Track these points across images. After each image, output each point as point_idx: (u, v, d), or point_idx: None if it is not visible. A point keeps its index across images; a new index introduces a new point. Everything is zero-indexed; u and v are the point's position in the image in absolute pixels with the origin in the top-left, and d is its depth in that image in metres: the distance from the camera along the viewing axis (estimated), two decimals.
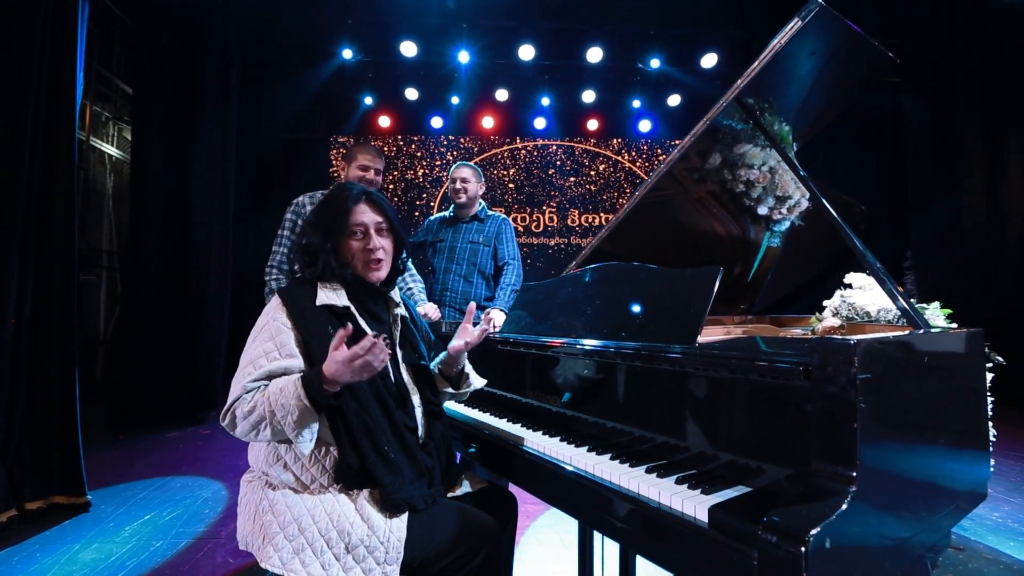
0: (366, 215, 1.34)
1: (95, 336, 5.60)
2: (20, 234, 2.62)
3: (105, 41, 5.42)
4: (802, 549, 0.67)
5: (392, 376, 1.30)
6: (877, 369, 0.80)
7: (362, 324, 1.28)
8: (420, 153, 7.13)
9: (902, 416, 0.88)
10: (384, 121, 6.91)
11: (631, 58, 6.37)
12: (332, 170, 6.83)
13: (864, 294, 1.57)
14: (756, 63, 1.38)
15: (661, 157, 7.24)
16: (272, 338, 1.20)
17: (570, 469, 1.11)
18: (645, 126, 7.16)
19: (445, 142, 7.14)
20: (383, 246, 1.35)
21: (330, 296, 1.28)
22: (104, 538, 2.49)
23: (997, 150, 5.51)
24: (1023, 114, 5.34)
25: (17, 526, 2.53)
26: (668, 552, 0.88)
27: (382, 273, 1.36)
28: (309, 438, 1.15)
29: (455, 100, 6.79)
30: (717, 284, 1.19)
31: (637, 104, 6.93)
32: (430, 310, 2.41)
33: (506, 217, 3.00)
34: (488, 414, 1.59)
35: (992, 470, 1.19)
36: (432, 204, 7.04)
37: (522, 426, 1.42)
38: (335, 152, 6.87)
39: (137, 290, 4.90)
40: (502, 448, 1.36)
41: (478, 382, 1.53)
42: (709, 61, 6.28)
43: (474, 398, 1.79)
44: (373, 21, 5.88)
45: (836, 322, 1.58)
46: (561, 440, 1.26)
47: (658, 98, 6.85)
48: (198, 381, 4.92)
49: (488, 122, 7.02)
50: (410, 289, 2.53)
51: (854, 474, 0.75)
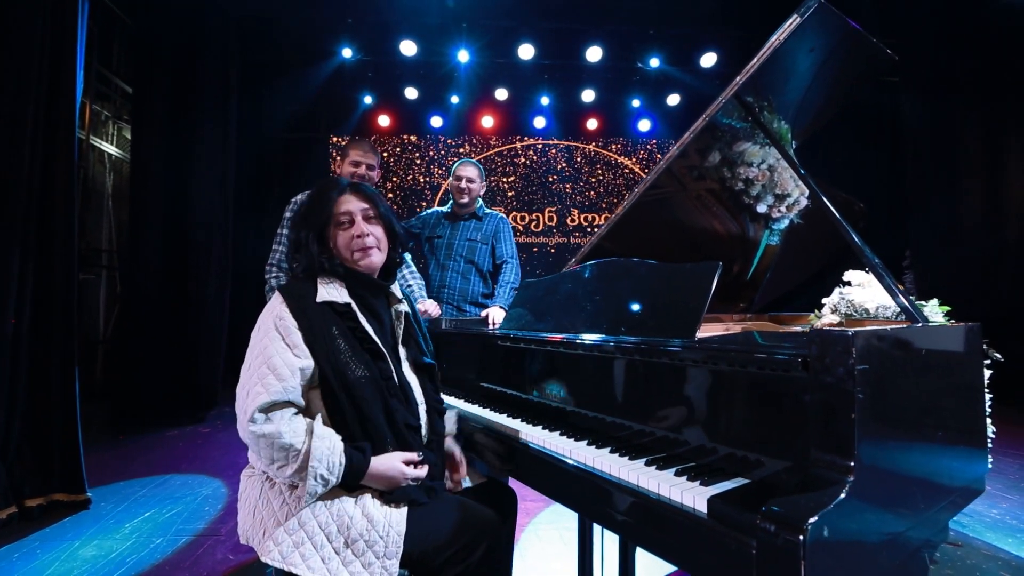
0: (351, 203, 1.33)
1: (95, 335, 5.60)
2: (20, 233, 2.62)
3: (105, 40, 5.42)
4: (800, 537, 0.67)
5: (395, 376, 1.29)
6: (875, 360, 0.80)
7: (363, 323, 1.27)
8: (419, 153, 7.13)
9: (900, 407, 0.89)
10: (384, 120, 6.92)
11: (630, 58, 6.38)
12: (332, 169, 6.83)
13: (863, 291, 1.57)
14: (755, 59, 1.38)
15: (660, 156, 7.25)
16: (283, 337, 1.19)
17: (570, 463, 1.12)
18: (645, 126, 7.17)
19: (450, 143, 7.13)
20: (372, 232, 1.33)
21: (331, 292, 1.27)
22: (104, 535, 2.49)
23: (996, 150, 5.52)
24: (1022, 114, 5.35)
25: (17, 523, 2.54)
26: (668, 543, 0.89)
27: (373, 259, 1.34)
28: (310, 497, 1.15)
29: (455, 100, 6.80)
30: (716, 279, 1.20)
31: (637, 104, 6.95)
32: (430, 307, 2.41)
33: (504, 216, 2.99)
34: (488, 410, 1.60)
35: (990, 467, 1.20)
36: (432, 205, 7.05)
37: (522, 421, 1.42)
38: (335, 151, 6.87)
39: (137, 289, 4.89)
40: (503, 443, 1.37)
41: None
42: (708, 61, 6.29)
43: (475, 394, 1.79)
44: (373, 20, 5.89)
45: (835, 319, 1.58)
46: (561, 434, 1.26)
47: (658, 98, 6.87)
48: (198, 380, 4.92)
49: (488, 122, 7.02)
50: (410, 286, 2.53)
51: (852, 464, 0.75)
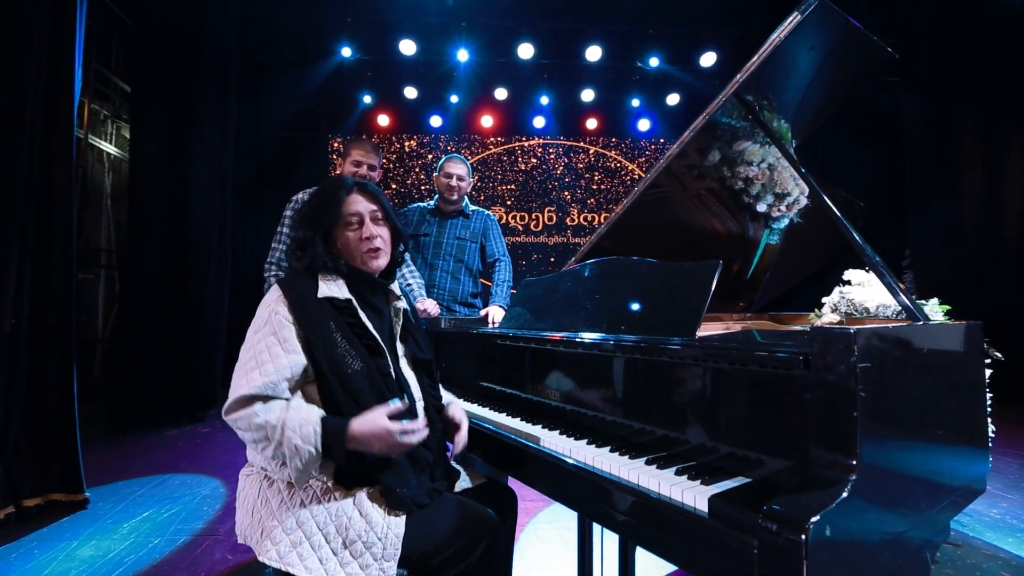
0: (360, 204, 1.33)
1: (94, 335, 5.58)
2: (18, 232, 2.61)
3: (104, 39, 5.41)
4: (802, 537, 0.67)
5: (393, 372, 1.28)
6: (877, 359, 0.80)
7: (363, 319, 1.27)
8: (419, 153, 7.12)
9: (901, 406, 0.88)
10: (383, 120, 6.91)
11: (630, 57, 6.38)
12: (331, 169, 6.82)
13: (863, 290, 1.57)
14: (755, 57, 1.38)
15: (660, 156, 7.25)
16: (275, 332, 1.18)
17: (570, 462, 1.11)
18: (644, 125, 7.16)
19: (450, 146, 7.12)
20: (380, 234, 1.34)
21: (332, 288, 1.27)
22: (102, 535, 2.48)
23: (995, 149, 5.52)
24: (1022, 113, 5.36)
25: (15, 523, 2.53)
26: (668, 543, 0.88)
27: (381, 262, 1.35)
28: (306, 479, 1.14)
29: (454, 99, 6.79)
30: (717, 277, 1.19)
31: (636, 103, 6.94)
32: (430, 306, 2.40)
33: (490, 212, 2.93)
34: (488, 409, 1.59)
35: (990, 466, 1.19)
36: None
37: (522, 420, 1.42)
38: (334, 151, 6.87)
39: (136, 289, 4.88)
40: (502, 443, 1.36)
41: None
42: (708, 60, 6.28)
43: (474, 393, 1.79)
44: (372, 20, 5.88)
45: (835, 318, 1.58)
46: (561, 433, 1.26)
47: (657, 97, 6.86)
48: (197, 380, 4.91)
49: (487, 121, 7.01)
50: (409, 285, 2.52)
51: (854, 463, 0.74)
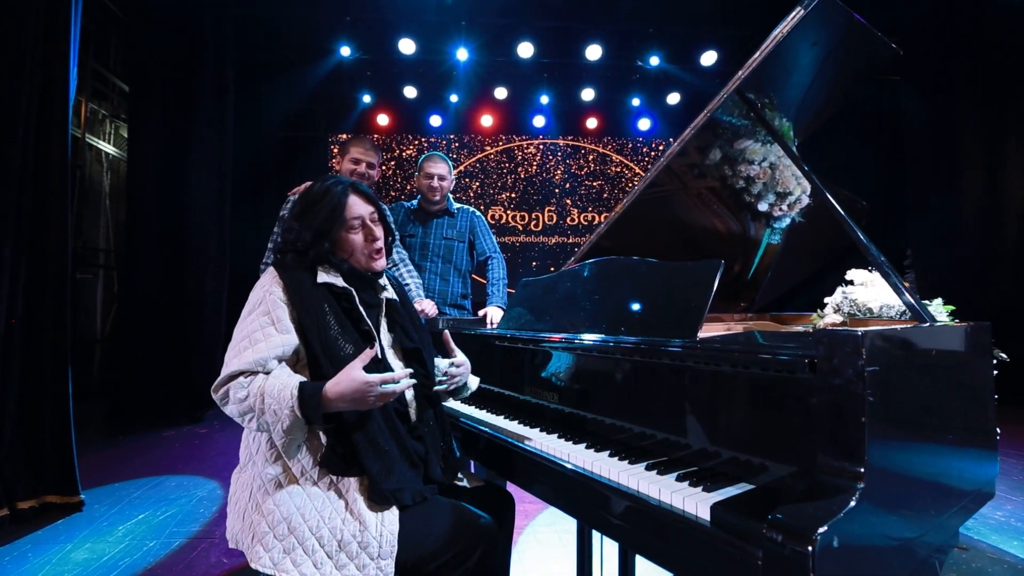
0: (360, 206, 1.34)
1: (92, 335, 5.56)
2: (12, 231, 2.59)
3: (102, 38, 5.39)
4: (809, 548, 0.64)
5: (381, 364, 1.28)
6: (884, 361, 0.77)
7: (361, 311, 1.28)
8: (418, 152, 7.10)
9: (909, 410, 0.86)
10: (383, 119, 6.89)
11: (630, 56, 6.35)
12: (331, 168, 6.80)
13: (866, 290, 1.54)
14: (757, 53, 1.36)
15: (660, 155, 7.24)
16: (268, 312, 1.19)
17: (568, 467, 1.09)
18: (644, 124, 7.14)
19: (452, 145, 7.10)
20: (380, 236, 1.36)
21: (330, 276, 1.28)
22: (97, 538, 2.46)
23: (996, 149, 5.50)
24: (1022, 113, 5.33)
25: (9, 525, 2.50)
26: (669, 551, 0.86)
27: (384, 262, 1.38)
28: (295, 447, 1.15)
29: (454, 98, 6.76)
30: (718, 277, 1.17)
31: (636, 102, 6.91)
32: (427, 307, 2.37)
33: (475, 209, 2.86)
34: (485, 411, 1.57)
35: (999, 470, 1.17)
36: None
37: (519, 423, 1.40)
38: (335, 157, 6.85)
39: (134, 288, 4.86)
40: (499, 445, 1.33)
41: (473, 383, 1.54)
42: (708, 59, 6.26)
43: (471, 395, 1.76)
44: (371, 18, 5.86)
45: (838, 319, 1.55)
46: (559, 437, 1.23)
47: (657, 96, 6.83)
48: (195, 380, 4.88)
49: (487, 120, 6.99)
50: (407, 285, 2.50)
51: (862, 470, 0.72)
